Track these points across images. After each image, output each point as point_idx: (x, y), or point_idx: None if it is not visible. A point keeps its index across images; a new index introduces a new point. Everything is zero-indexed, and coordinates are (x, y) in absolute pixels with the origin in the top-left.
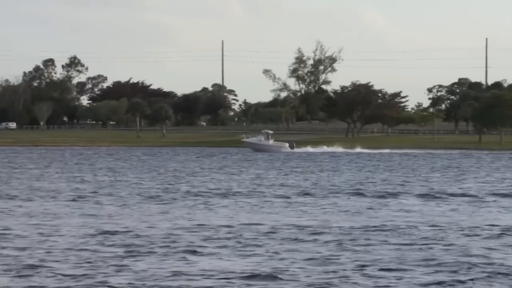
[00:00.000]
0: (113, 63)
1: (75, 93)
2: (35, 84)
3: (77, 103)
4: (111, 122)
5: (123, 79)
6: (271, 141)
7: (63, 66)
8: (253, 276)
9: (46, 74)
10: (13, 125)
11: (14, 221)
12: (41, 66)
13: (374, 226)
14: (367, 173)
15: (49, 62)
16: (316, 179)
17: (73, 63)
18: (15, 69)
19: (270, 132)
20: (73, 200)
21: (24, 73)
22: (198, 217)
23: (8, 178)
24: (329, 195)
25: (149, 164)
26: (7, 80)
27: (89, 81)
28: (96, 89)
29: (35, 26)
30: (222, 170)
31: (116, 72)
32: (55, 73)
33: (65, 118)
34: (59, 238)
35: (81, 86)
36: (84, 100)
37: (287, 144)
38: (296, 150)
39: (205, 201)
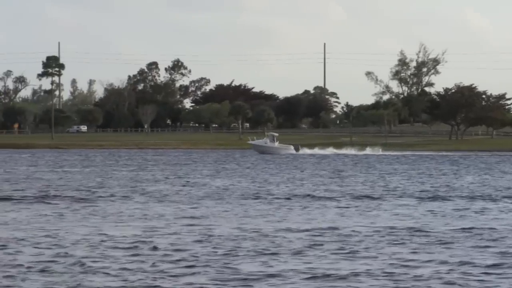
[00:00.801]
0: (216, 66)
1: (178, 96)
2: (139, 87)
3: (180, 106)
4: (214, 125)
5: (226, 82)
6: (276, 143)
7: (166, 69)
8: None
9: (150, 77)
10: (84, 128)
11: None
12: (145, 70)
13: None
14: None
15: (153, 65)
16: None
17: (176, 66)
18: (120, 73)
19: (276, 134)
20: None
21: (129, 76)
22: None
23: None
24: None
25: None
26: (112, 84)
27: (192, 84)
28: (199, 92)
29: (140, 30)
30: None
31: (219, 75)
32: (159, 76)
33: (169, 121)
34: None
35: (184, 89)
36: (187, 103)
37: (292, 147)
38: (301, 152)
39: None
